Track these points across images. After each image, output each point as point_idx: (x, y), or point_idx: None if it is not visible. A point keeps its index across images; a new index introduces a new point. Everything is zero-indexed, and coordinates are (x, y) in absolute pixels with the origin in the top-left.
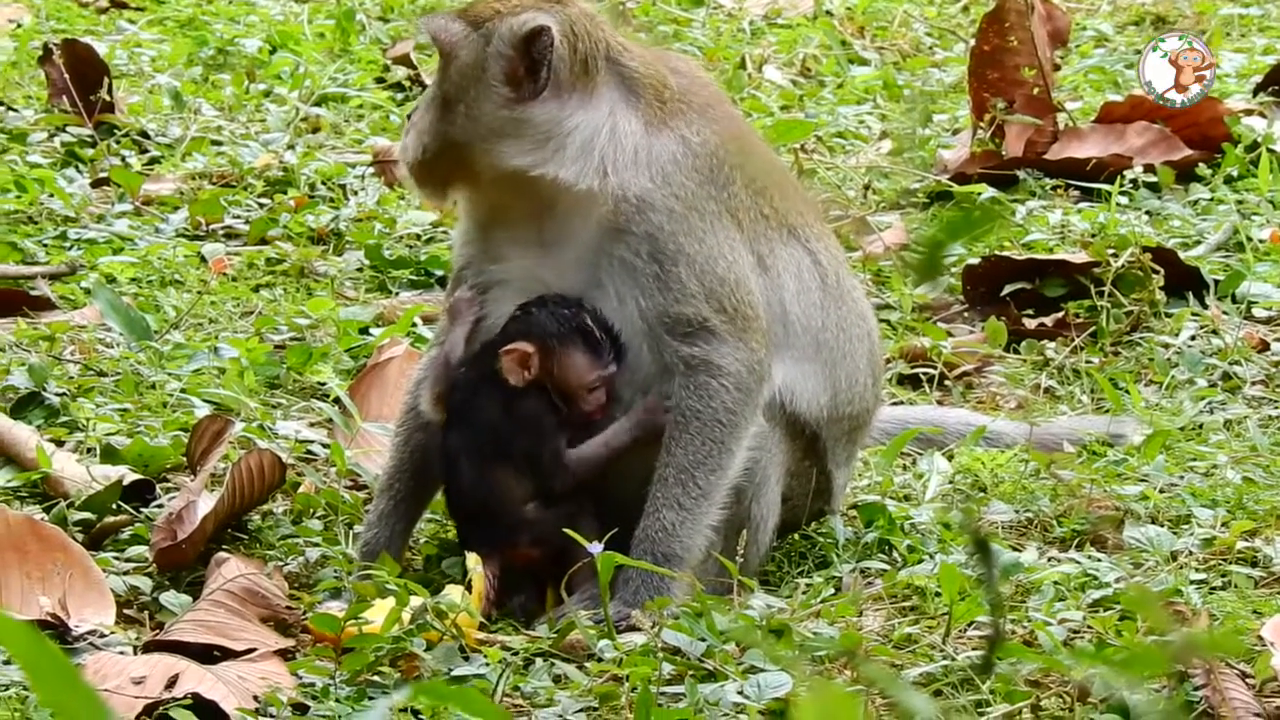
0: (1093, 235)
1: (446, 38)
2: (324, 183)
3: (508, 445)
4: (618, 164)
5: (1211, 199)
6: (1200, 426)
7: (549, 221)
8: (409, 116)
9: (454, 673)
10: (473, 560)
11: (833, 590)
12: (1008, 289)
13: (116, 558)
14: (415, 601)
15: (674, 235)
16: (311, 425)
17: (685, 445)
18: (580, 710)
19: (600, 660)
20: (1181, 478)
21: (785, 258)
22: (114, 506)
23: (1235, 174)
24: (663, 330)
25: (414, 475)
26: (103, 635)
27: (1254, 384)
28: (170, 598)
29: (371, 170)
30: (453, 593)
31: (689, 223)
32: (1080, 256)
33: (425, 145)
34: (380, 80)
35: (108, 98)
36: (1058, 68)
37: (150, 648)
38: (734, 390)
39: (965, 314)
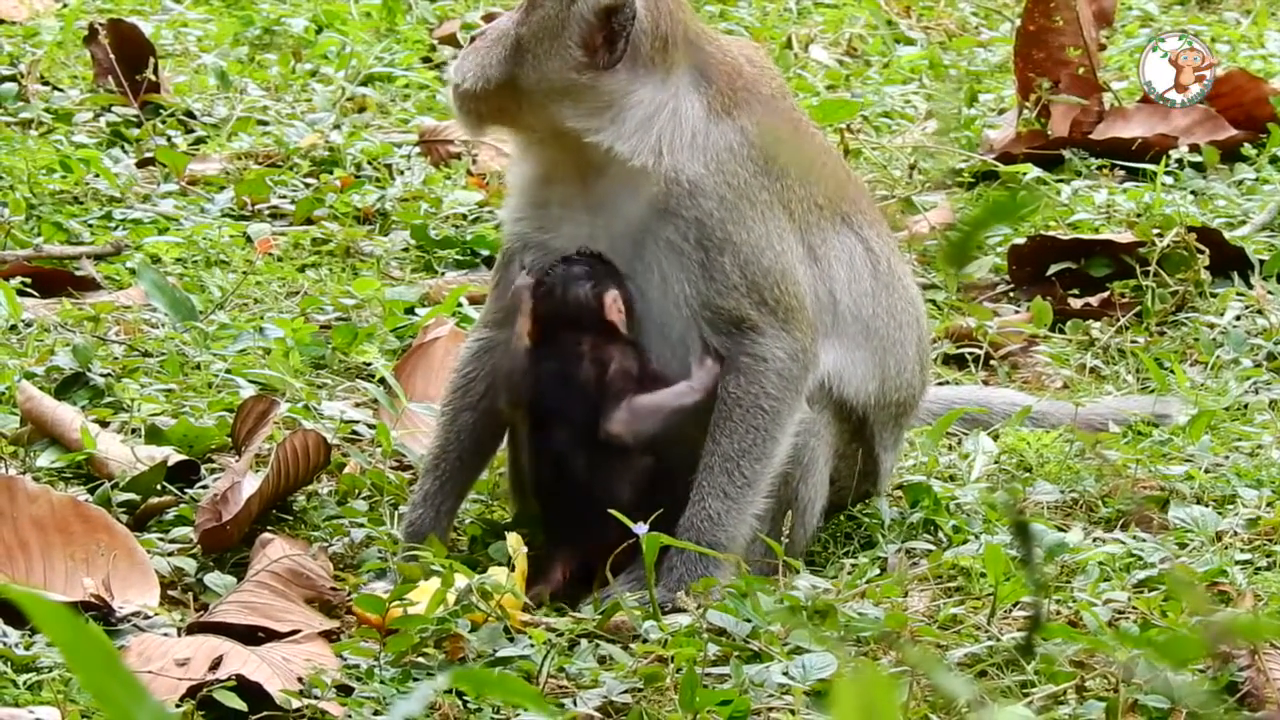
0: (1138, 215)
1: None
2: (370, 162)
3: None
4: (674, 145)
5: (1257, 179)
6: (1245, 407)
7: (597, 187)
8: (472, 38)
9: (499, 654)
10: (514, 541)
11: (878, 571)
12: (1053, 269)
13: (161, 539)
14: (460, 582)
15: (723, 223)
16: (357, 405)
17: (730, 433)
18: (625, 691)
19: (645, 641)
20: (1226, 458)
21: (838, 246)
22: (158, 487)
23: None
24: (704, 320)
25: (460, 456)
26: (147, 617)
27: None
28: (214, 579)
29: (418, 150)
30: (497, 574)
31: (739, 211)
32: (1125, 236)
33: (486, 78)
34: (426, 60)
35: (153, 77)
36: (1103, 47)
37: (194, 629)
38: (776, 378)
39: (1011, 294)
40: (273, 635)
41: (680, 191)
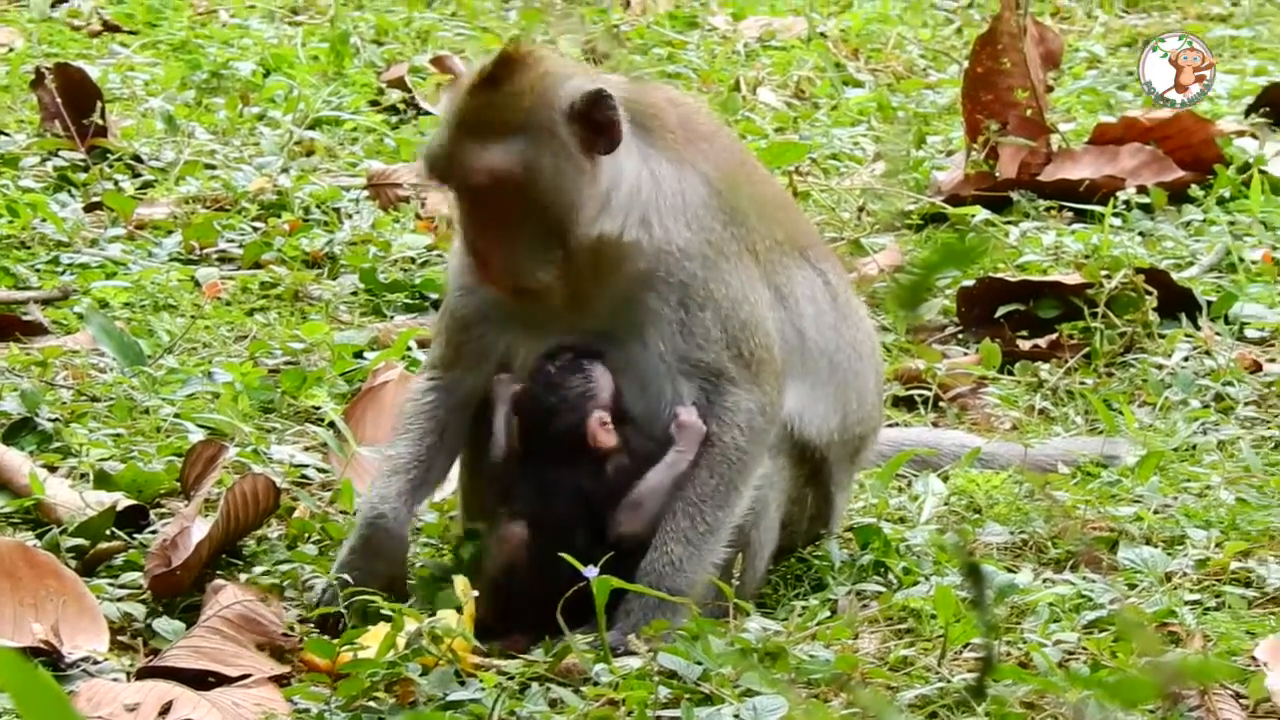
0: (1086, 256)
1: (515, 162)
2: (318, 206)
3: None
4: (661, 213)
5: (1204, 220)
6: (1194, 447)
7: (573, 267)
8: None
9: (449, 698)
10: (463, 584)
11: (828, 613)
12: (1002, 310)
13: (110, 584)
14: (410, 626)
15: (705, 282)
16: (306, 450)
17: (695, 481)
18: None
19: (596, 684)
20: (1175, 499)
21: (801, 283)
22: (107, 532)
23: (1227, 195)
24: (680, 373)
25: (429, 468)
26: (96, 662)
27: (1247, 405)
28: (164, 624)
29: (366, 194)
30: (447, 617)
31: (719, 269)
32: (1074, 278)
33: (541, 271)
34: (374, 103)
35: (100, 122)
36: (1051, 89)
37: (144, 674)
38: (746, 430)
39: (959, 336)
40: (223, 680)
41: (670, 260)
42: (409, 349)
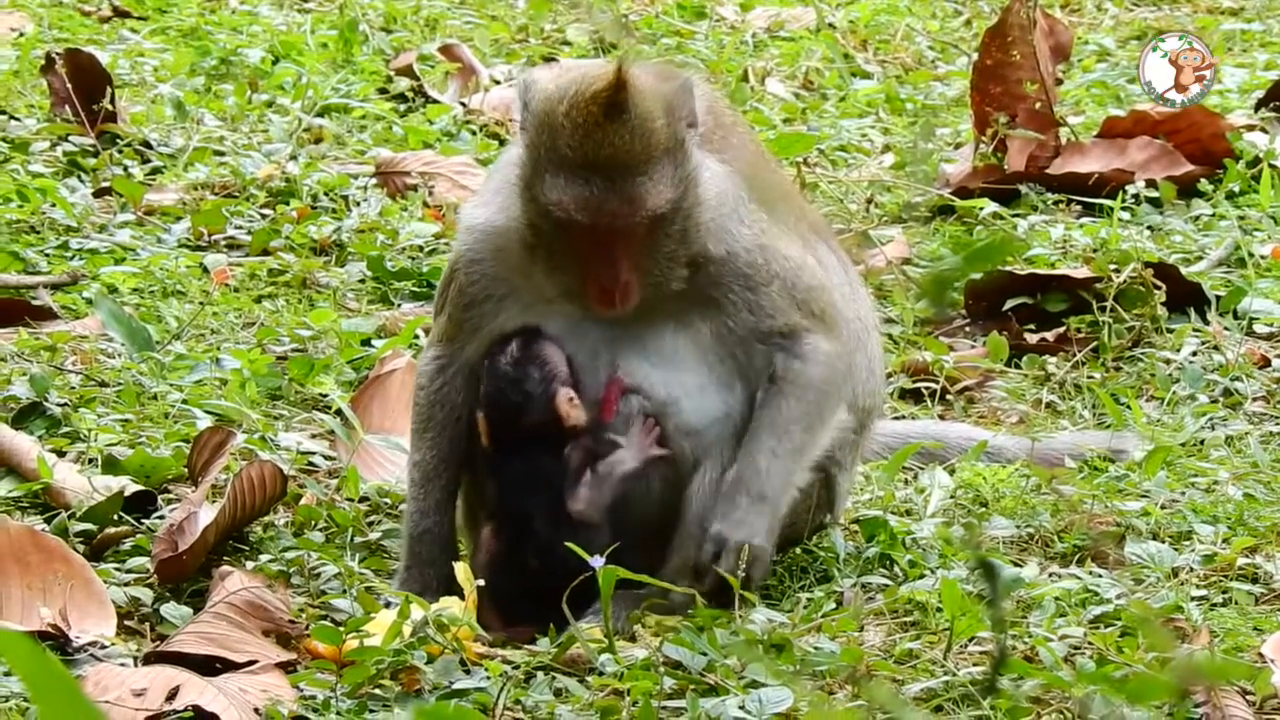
0: (1094, 250)
1: (669, 190)
2: (326, 194)
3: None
4: (725, 217)
5: (1213, 214)
6: (1201, 442)
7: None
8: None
9: (455, 686)
10: (464, 571)
11: (834, 605)
12: (1009, 304)
13: (117, 569)
14: (416, 614)
15: (767, 265)
16: (313, 437)
17: (779, 406)
18: None
19: (601, 674)
20: (1182, 494)
21: (823, 254)
22: (115, 517)
23: (1237, 189)
24: (754, 340)
25: (456, 466)
26: (103, 647)
27: (1255, 400)
28: (171, 609)
29: (374, 181)
30: (450, 605)
31: (775, 249)
32: (1082, 272)
33: (675, 284)
34: (383, 91)
35: (110, 107)
36: (1060, 82)
37: (151, 659)
38: (826, 369)
39: (967, 329)
40: (230, 666)
41: (735, 260)
42: (416, 337)
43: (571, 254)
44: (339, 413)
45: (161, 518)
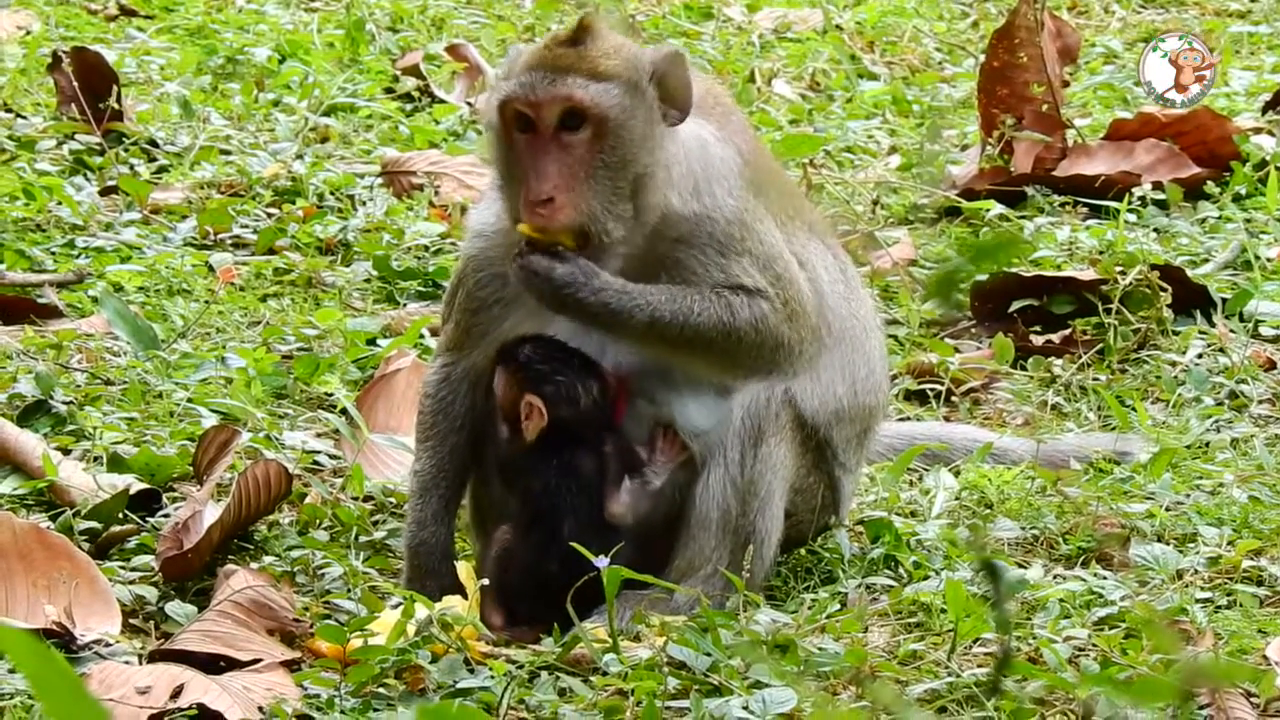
0: (1100, 252)
1: (607, 101)
2: (332, 193)
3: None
4: (711, 181)
5: (1219, 217)
6: (1207, 445)
7: (632, 237)
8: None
9: (459, 685)
10: (466, 570)
11: (838, 606)
12: (1015, 305)
13: (122, 567)
14: (420, 613)
15: (743, 240)
16: (318, 436)
17: (695, 295)
18: None
19: (605, 674)
20: (1187, 496)
21: (815, 254)
22: (120, 516)
23: (1243, 192)
24: (712, 292)
25: (456, 475)
26: (108, 645)
27: (1261, 403)
28: (175, 607)
29: (380, 181)
30: (453, 603)
31: (755, 230)
32: (1088, 274)
33: (612, 224)
34: (389, 91)
35: (116, 106)
36: (1067, 84)
37: (155, 657)
38: (756, 320)
39: (973, 330)
40: (234, 664)
41: (713, 224)
42: (421, 336)
43: (516, 164)
44: (344, 412)
45: (166, 516)
